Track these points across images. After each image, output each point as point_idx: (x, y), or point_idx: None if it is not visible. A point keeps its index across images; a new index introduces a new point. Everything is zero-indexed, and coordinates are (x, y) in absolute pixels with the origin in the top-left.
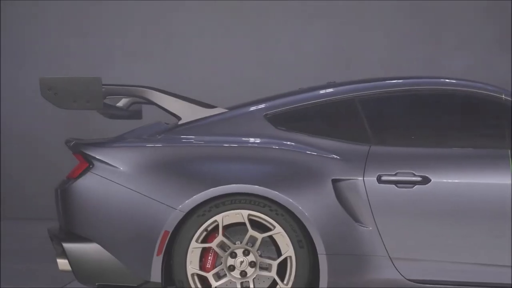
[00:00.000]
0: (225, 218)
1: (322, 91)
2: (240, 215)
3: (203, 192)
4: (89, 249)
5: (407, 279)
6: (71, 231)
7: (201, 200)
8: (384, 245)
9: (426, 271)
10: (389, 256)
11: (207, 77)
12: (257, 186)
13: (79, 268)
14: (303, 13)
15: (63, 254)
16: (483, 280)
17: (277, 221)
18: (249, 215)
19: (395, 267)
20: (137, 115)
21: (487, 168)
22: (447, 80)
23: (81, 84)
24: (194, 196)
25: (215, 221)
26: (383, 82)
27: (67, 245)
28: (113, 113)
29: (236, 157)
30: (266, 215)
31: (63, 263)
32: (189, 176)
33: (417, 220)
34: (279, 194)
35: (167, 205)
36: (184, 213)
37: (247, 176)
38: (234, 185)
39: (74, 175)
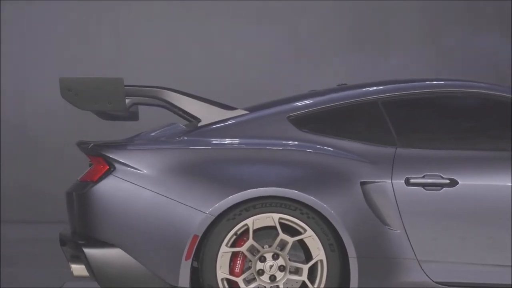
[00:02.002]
0: (255, 221)
1: (346, 93)
2: (270, 218)
3: (234, 195)
4: (112, 254)
5: (434, 281)
6: (91, 236)
7: (231, 204)
8: (412, 247)
9: (453, 273)
10: (417, 259)
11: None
12: (291, 190)
13: (102, 274)
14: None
15: (78, 259)
16: (510, 282)
17: (308, 225)
18: (279, 218)
19: (422, 269)
20: (134, 116)
21: None
22: (470, 83)
23: (102, 85)
24: (224, 200)
25: (245, 224)
26: (407, 84)
27: (88, 251)
28: (109, 114)
29: (264, 160)
30: (297, 218)
31: (78, 269)
32: (218, 179)
33: (445, 223)
34: (312, 197)
35: (195, 208)
36: (214, 217)
37: (277, 179)
38: (266, 188)
39: (94, 178)
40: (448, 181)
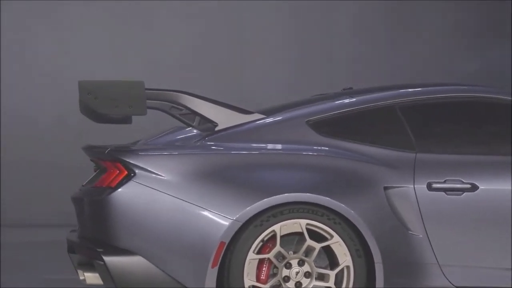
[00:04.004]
0: (282, 227)
1: (364, 97)
2: (298, 224)
3: (261, 201)
4: (133, 262)
5: (455, 286)
6: (109, 243)
7: (259, 209)
8: (434, 252)
9: (473, 278)
10: (438, 264)
11: None
12: (319, 196)
13: (123, 283)
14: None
15: (91, 267)
16: None
17: (335, 230)
18: (307, 224)
19: (444, 274)
20: (128, 119)
21: None
22: (487, 88)
23: (123, 88)
24: (252, 205)
25: (273, 231)
26: (427, 88)
27: (108, 259)
28: (104, 117)
29: (289, 165)
30: (324, 224)
31: (91, 277)
32: (244, 185)
33: (466, 227)
34: (340, 203)
35: (222, 215)
36: (241, 223)
37: (304, 185)
38: (295, 193)
39: (112, 184)
40: (469, 185)
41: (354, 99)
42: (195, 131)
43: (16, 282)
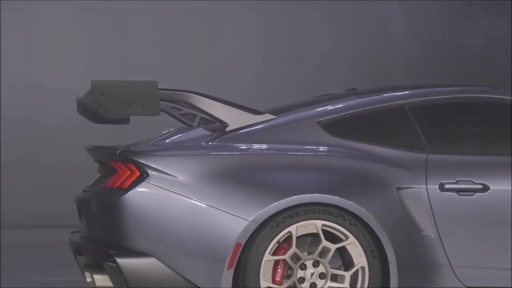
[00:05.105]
0: (298, 228)
1: (374, 98)
2: (313, 225)
3: (278, 202)
4: (147, 264)
5: (466, 287)
6: (121, 245)
7: (275, 210)
8: (445, 253)
9: (484, 278)
10: (450, 264)
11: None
12: (335, 197)
13: (136, 284)
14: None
15: (101, 269)
16: None
17: (350, 231)
18: (322, 225)
19: (455, 274)
20: (126, 119)
21: None
22: (497, 89)
23: (136, 88)
24: (268, 207)
25: (288, 232)
26: (438, 89)
27: (122, 261)
28: (101, 117)
29: (304, 166)
30: (340, 225)
31: (100, 279)
32: (259, 185)
33: (477, 228)
34: (356, 204)
35: (237, 216)
36: (258, 225)
37: (320, 185)
38: (311, 194)
39: (125, 185)
40: (480, 186)
41: (364, 100)
42: (201, 131)
43: (16, 282)
